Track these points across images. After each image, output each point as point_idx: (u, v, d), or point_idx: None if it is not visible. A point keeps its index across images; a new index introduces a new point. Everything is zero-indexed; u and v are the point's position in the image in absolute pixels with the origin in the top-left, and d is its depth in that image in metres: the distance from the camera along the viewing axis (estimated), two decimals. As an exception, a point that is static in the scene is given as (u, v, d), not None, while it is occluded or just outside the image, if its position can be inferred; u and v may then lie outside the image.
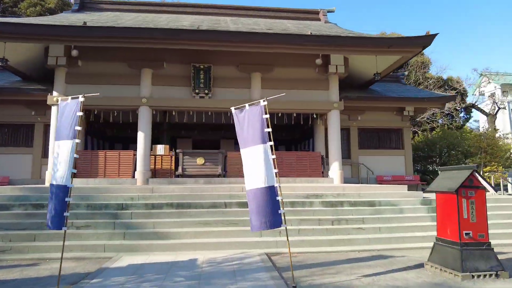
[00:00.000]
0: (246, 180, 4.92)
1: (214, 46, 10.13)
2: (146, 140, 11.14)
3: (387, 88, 14.95)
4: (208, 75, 11.42)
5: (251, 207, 4.72)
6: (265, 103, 5.05)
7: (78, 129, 4.64)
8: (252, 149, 4.85)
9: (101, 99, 10.94)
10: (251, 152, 4.85)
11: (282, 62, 11.82)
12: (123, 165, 11.31)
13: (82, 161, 11.21)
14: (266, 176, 4.72)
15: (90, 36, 9.52)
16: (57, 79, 10.99)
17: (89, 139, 13.64)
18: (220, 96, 11.63)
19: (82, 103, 4.74)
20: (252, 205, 4.67)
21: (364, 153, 14.02)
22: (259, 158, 4.76)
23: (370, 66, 12.55)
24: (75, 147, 4.61)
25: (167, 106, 11.34)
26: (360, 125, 14.03)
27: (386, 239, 7.51)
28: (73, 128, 4.59)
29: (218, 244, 6.85)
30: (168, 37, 9.67)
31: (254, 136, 4.83)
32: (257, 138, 4.81)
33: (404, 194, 9.56)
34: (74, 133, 4.59)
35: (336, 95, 12.10)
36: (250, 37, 9.89)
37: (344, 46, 10.31)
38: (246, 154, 4.91)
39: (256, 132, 4.81)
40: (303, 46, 10.16)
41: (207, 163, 11.30)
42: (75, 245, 6.65)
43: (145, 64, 11.26)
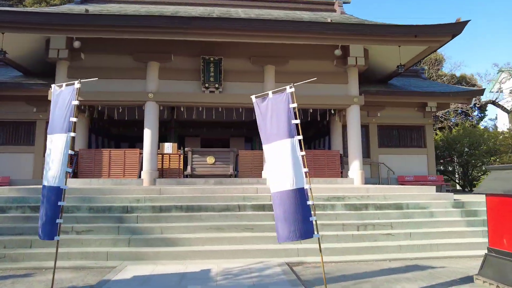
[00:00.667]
0: (270, 181, 4.16)
1: (227, 36, 9.40)
2: (153, 137, 10.45)
3: (407, 83, 14.08)
4: (218, 68, 10.69)
5: (277, 213, 3.96)
6: (292, 90, 4.29)
7: (73, 120, 3.92)
8: (277, 144, 4.10)
9: (104, 94, 10.34)
10: (276, 148, 4.09)
11: (298, 54, 11.05)
12: (128, 164, 10.65)
13: (85, 160, 10.57)
14: (295, 177, 3.96)
15: (94, 25, 8.86)
16: (58, 73, 10.36)
17: (93, 137, 13.02)
18: (231, 90, 10.90)
19: (79, 91, 4.00)
20: (278, 211, 3.92)
21: (384, 152, 13.17)
22: (285, 155, 4.00)
23: (390, 59, 11.70)
24: (70, 142, 3.89)
25: (175, 101, 10.64)
26: (380, 122, 13.18)
27: (419, 246, 6.73)
28: (67, 119, 3.88)
29: (233, 252, 6.12)
30: (177, 26, 8.96)
31: (279, 129, 4.07)
32: (283, 131, 4.06)
33: (433, 196, 8.74)
34: (69, 126, 3.88)
35: (355, 89, 11.29)
36: (266, 25, 9.14)
37: (367, 35, 9.49)
38: (270, 151, 4.15)
39: (281, 124, 4.06)
40: (322, 35, 9.37)
41: (218, 162, 10.58)
42: (74, 253, 5.99)
43: (152, 57, 10.58)
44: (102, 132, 13.94)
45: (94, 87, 10.39)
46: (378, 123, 13.12)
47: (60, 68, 10.37)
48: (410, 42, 9.74)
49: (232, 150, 10.69)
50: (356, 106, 11.17)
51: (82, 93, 10.25)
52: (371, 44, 10.07)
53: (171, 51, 10.65)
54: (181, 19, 8.89)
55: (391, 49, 10.99)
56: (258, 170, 11.05)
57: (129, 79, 10.63)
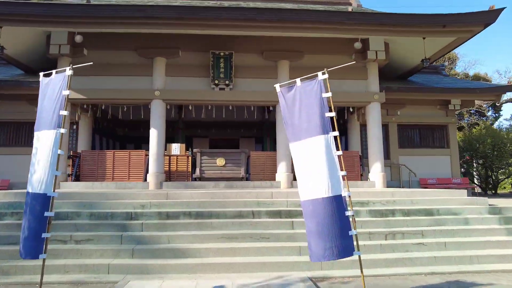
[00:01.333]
0: (300, 187, 3.43)
1: (239, 28, 8.73)
2: (160, 138, 9.81)
3: (427, 79, 13.24)
4: (229, 63, 10.01)
5: (309, 226, 3.24)
6: (325, 76, 3.58)
7: (64, 114, 3.24)
8: (308, 142, 3.38)
9: (108, 92, 9.74)
10: (307, 146, 3.37)
11: (313, 48, 10.32)
12: (133, 166, 10.02)
13: (87, 162, 9.97)
14: (330, 182, 3.24)
15: (95, 17, 8.26)
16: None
17: (97, 138, 12.44)
18: (243, 87, 10.21)
19: (71, 78, 3.33)
20: (311, 224, 3.20)
21: (405, 153, 12.35)
22: (318, 155, 3.29)
23: (412, 53, 10.93)
24: (60, 139, 3.21)
25: (182, 99, 9.98)
26: (400, 121, 12.37)
27: (456, 259, 5.95)
28: (57, 113, 3.22)
29: (248, 265, 5.42)
30: (185, 17, 8.30)
31: (310, 124, 3.36)
32: (315, 127, 3.35)
33: (465, 200, 7.95)
34: (59, 120, 3.21)
35: (376, 86, 10.52)
36: (281, 15, 8.43)
37: (390, 25, 8.73)
38: (299, 150, 3.44)
39: (313, 118, 3.35)
40: (342, 25, 8.64)
41: (228, 164, 9.88)
42: (73, 265, 5.35)
43: (158, 52, 9.95)
44: (106, 133, 13.36)
45: (97, 84, 9.82)
46: (398, 122, 12.31)
47: (61, 65, 9.76)
48: (438, 33, 8.95)
49: (243, 151, 10.00)
50: (377, 104, 10.40)
51: (85, 91, 9.68)
52: (394, 36, 9.28)
53: (178, 46, 10.01)
54: (189, 9, 8.22)
55: (414, 42, 10.22)
56: (271, 172, 10.33)
57: (134, 76, 10.02)
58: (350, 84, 10.53)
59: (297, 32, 8.93)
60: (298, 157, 3.51)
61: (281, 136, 9.99)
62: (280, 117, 10.06)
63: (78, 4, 8.12)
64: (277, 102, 10.30)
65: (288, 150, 10.41)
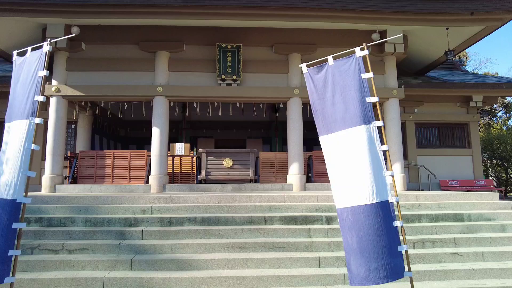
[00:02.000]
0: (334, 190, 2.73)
1: (248, 16, 8.08)
2: (162, 137, 9.15)
3: (446, 75, 12.47)
4: (236, 57, 9.35)
5: (348, 240, 2.54)
6: (364, 53, 2.89)
7: (39, 99, 2.57)
8: (345, 134, 2.69)
9: (107, 88, 9.12)
10: (344, 139, 2.68)
11: (327, 40, 9.63)
12: (134, 168, 9.37)
13: (86, 163, 9.34)
14: (374, 184, 2.54)
15: (92, 5, 7.62)
16: (56, 66, 9.18)
17: (97, 139, 11.81)
18: (251, 82, 9.54)
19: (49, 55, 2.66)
20: (351, 238, 2.50)
21: (423, 153, 11.59)
22: (359, 151, 2.60)
23: (432, 46, 10.20)
24: (34, 131, 2.54)
25: (187, 96, 9.32)
26: (418, 119, 11.61)
27: (497, 272, 5.22)
28: (31, 98, 2.55)
29: (262, 279, 4.74)
30: (190, 4, 7.65)
31: (347, 112, 2.68)
32: (354, 115, 2.67)
33: (498, 204, 7.19)
34: (33, 108, 2.55)
35: (394, 80, 9.79)
36: (295, 2, 7.73)
37: (411, 13, 8.01)
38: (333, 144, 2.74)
39: (351, 104, 2.67)
40: (360, 13, 7.95)
41: (236, 166, 9.20)
42: (64, 279, 4.71)
43: (161, 46, 9.32)
44: (107, 133, 12.75)
45: (95, 80, 9.21)
46: (415, 120, 11.55)
47: (58, 60, 9.20)
48: (464, 22, 8.22)
49: (252, 151, 9.31)
50: (396, 100, 9.67)
51: (82, 87, 9.07)
52: (417, 25, 8.52)
53: (182, 38, 9.37)
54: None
55: (434, 34, 9.50)
56: (282, 174, 9.63)
57: (136, 71, 9.39)
58: (367, 79, 9.80)
59: (310, 20, 8.22)
60: (331, 154, 2.82)
61: (292, 134, 9.29)
62: (292, 113, 9.37)
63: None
64: (288, 98, 9.72)
65: (300, 150, 9.75)
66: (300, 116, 9.35)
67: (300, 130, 9.31)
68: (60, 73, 9.17)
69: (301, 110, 9.40)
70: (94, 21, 8.85)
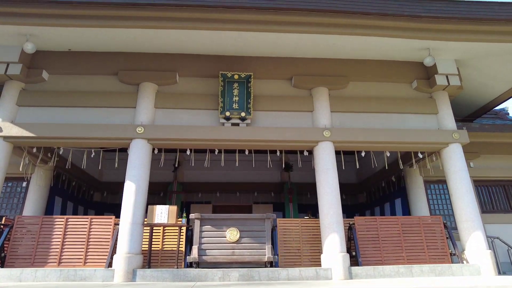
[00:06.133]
0: None
1: (262, 24, 5.95)
2: (139, 197, 6.36)
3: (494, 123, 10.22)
4: (246, 89, 7.11)
5: None
6: None
7: None
8: None
9: (68, 128, 6.64)
10: None
11: (361, 71, 7.57)
12: (94, 242, 6.36)
13: (23, 234, 6.34)
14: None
15: (42, 3, 5.49)
16: (3, 98, 6.83)
17: (58, 203, 8.88)
18: (264, 122, 7.13)
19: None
20: None
21: (491, 220, 8.72)
22: None
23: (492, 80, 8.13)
24: None
25: (177, 139, 6.77)
26: (476, 175, 8.99)
27: None
28: None
29: None
30: (186, 3, 5.54)
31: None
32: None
33: None
34: None
35: (451, 121, 7.46)
36: (332, 2, 5.68)
37: (479, 21, 5.96)
38: None
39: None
40: (416, 22, 5.88)
41: (245, 239, 6.23)
42: None
43: (147, 76, 7.13)
44: (74, 196, 9.85)
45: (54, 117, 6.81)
46: (473, 177, 8.90)
47: (7, 92, 6.87)
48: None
49: (268, 217, 6.42)
50: (458, 146, 7.20)
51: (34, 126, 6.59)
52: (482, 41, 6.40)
53: (175, 68, 7.24)
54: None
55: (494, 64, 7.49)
56: (313, 252, 6.61)
57: (111, 107, 7.02)
58: (416, 120, 7.47)
59: (358, 30, 6.03)
60: None
61: (326, 192, 6.54)
62: (323, 162, 6.76)
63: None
64: (315, 143, 7.12)
65: (339, 215, 6.79)
66: (334, 166, 6.74)
67: (336, 186, 6.60)
68: (7, 109, 6.76)
69: (334, 158, 6.82)
70: (60, 43, 6.77)
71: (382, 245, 6.56)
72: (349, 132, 7.04)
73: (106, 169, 11.37)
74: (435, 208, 8.69)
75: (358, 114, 7.37)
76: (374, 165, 10.07)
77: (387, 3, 5.67)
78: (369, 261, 6.38)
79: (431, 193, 8.83)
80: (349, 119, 7.33)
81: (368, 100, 7.55)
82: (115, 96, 7.11)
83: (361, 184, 11.94)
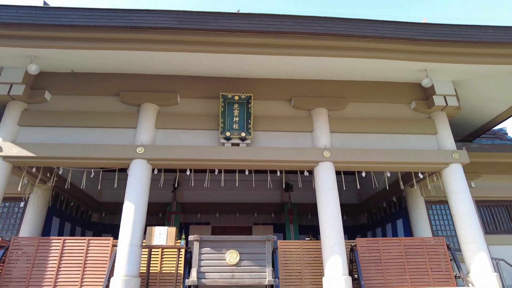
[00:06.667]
0: None
1: (262, 47, 6.09)
2: (137, 218, 6.28)
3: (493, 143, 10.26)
4: (246, 110, 7.17)
5: None
6: None
7: None
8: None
9: (68, 148, 6.65)
10: None
11: (360, 92, 7.68)
12: (92, 265, 6.23)
13: (18, 257, 6.22)
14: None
15: (51, 26, 5.62)
16: (5, 119, 6.87)
17: (55, 223, 8.76)
18: (264, 142, 7.15)
19: None
20: None
21: (495, 241, 8.58)
22: None
23: (490, 101, 8.24)
24: None
25: (178, 159, 6.77)
26: (477, 196, 8.93)
27: None
28: None
29: None
30: (189, 27, 5.68)
31: None
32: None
33: None
34: None
35: (451, 141, 7.49)
36: (331, 25, 5.81)
37: (475, 44, 6.10)
38: None
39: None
40: (415, 45, 6.02)
41: (245, 262, 6.10)
42: None
43: (148, 97, 7.22)
44: (72, 217, 9.74)
45: (54, 137, 6.84)
46: (475, 197, 8.83)
47: (9, 112, 6.92)
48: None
49: (269, 239, 6.32)
50: (458, 166, 7.19)
51: (35, 145, 6.60)
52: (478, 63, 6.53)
53: (176, 89, 7.34)
54: (196, 15, 5.67)
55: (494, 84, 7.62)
56: (314, 275, 6.46)
57: (112, 127, 7.06)
58: (416, 140, 7.51)
59: (356, 53, 6.15)
60: None
61: (326, 213, 6.48)
62: (323, 183, 6.73)
63: (26, 6, 5.61)
64: (315, 163, 7.09)
65: (340, 237, 6.71)
66: (334, 186, 6.70)
67: (337, 206, 6.54)
68: (8, 128, 6.79)
69: (335, 178, 6.80)
70: (63, 64, 6.90)
71: (385, 267, 6.43)
72: (349, 152, 7.05)
73: (105, 189, 11.29)
74: (438, 229, 8.57)
75: (357, 134, 7.41)
76: (374, 186, 10.03)
77: (385, 27, 5.83)
78: (372, 284, 6.23)
79: (432, 213, 8.74)
80: (349, 139, 7.35)
81: (367, 120, 7.61)
82: (116, 116, 7.17)
83: (362, 205, 11.83)
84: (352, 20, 5.85)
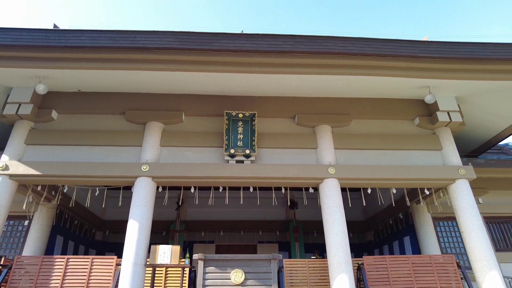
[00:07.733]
0: None
1: (267, 66, 6.20)
2: (141, 236, 6.24)
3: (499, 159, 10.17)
4: (250, 128, 7.22)
5: None
6: None
7: None
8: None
9: (73, 166, 6.69)
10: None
11: (363, 109, 7.72)
12: (94, 284, 6.15)
13: (21, 276, 6.17)
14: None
15: (59, 48, 5.78)
16: (12, 138, 6.97)
17: (59, 242, 8.73)
18: (269, 159, 7.16)
19: None
20: None
21: (505, 259, 8.37)
22: None
23: (494, 117, 8.22)
24: None
25: (182, 176, 6.78)
26: (486, 211, 8.79)
27: None
28: None
29: None
30: (191, 48, 5.83)
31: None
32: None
33: None
34: None
35: (456, 157, 7.44)
36: (333, 45, 5.92)
37: (477, 60, 6.16)
38: None
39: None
40: (412, 62, 6.09)
41: (250, 282, 6.01)
42: None
43: (153, 116, 7.31)
44: (76, 235, 9.69)
45: (60, 156, 6.90)
46: (483, 213, 8.70)
47: (17, 131, 7.04)
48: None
49: (274, 257, 6.23)
50: (465, 182, 7.11)
51: (40, 164, 6.66)
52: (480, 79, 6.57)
53: (181, 108, 7.44)
54: (198, 36, 5.82)
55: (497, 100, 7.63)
56: (319, 294, 6.32)
57: (117, 145, 7.14)
58: (420, 156, 7.48)
59: (359, 70, 6.25)
60: None
61: (332, 231, 6.40)
62: (328, 200, 6.68)
63: (36, 29, 5.79)
64: (320, 180, 7.00)
65: (347, 255, 6.54)
66: (340, 204, 6.64)
67: (344, 224, 6.46)
68: (15, 147, 6.88)
69: (340, 195, 6.74)
70: (70, 84, 7.05)
71: (393, 286, 6.27)
72: (354, 169, 7.02)
73: (109, 207, 11.31)
74: (446, 246, 8.40)
75: (362, 151, 7.40)
76: (380, 202, 9.90)
77: (386, 44, 5.92)
78: (380, 304, 6.06)
79: (440, 230, 8.59)
80: (354, 156, 7.34)
81: (372, 137, 7.61)
82: (121, 134, 7.25)
83: (368, 222, 11.67)
84: (351, 38, 5.97)
